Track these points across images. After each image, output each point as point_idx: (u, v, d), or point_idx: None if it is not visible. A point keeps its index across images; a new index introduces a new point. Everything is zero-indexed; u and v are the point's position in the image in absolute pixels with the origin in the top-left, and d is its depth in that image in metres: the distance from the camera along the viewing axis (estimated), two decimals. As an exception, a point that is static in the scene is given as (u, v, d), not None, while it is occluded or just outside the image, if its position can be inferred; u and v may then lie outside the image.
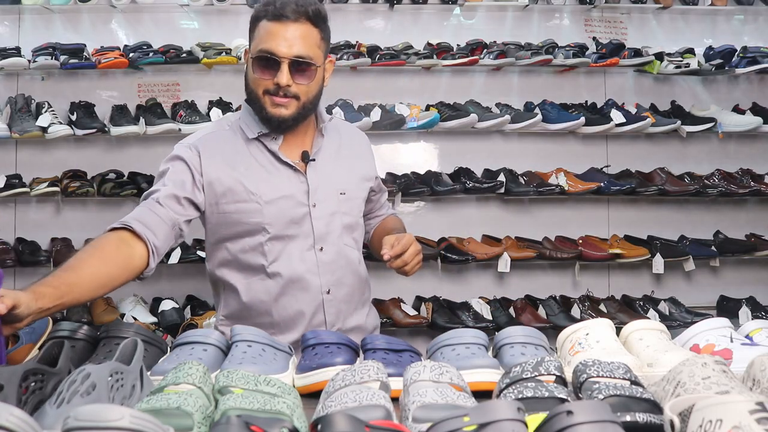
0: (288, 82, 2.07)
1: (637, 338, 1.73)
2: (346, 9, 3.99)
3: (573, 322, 2.68)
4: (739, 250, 4.03)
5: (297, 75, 2.08)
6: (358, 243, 2.30)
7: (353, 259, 2.26)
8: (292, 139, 2.21)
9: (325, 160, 2.24)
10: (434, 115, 3.76)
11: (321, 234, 2.18)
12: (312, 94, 2.13)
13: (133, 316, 3.54)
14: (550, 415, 1.07)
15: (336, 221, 2.21)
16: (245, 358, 1.62)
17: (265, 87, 2.10)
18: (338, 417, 1.07)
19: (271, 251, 2.15)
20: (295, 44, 2.06)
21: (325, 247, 2.18)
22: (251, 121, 2.20)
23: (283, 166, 2.19)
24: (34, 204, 3.87)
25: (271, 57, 2.06)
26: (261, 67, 2.09)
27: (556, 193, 3.87)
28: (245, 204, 2.15)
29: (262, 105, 2.12)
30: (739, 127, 3.97)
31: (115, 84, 3.92)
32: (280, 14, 2.07)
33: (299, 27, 2.07)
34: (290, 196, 2.16)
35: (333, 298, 2.20)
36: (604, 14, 4.21)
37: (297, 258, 2.16)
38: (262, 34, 2.10)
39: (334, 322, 2.20)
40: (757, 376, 1.36)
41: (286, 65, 2.06)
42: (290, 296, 2.16)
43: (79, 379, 1.23)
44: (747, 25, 4.30)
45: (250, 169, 2.17)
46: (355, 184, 2.29)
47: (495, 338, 1.77)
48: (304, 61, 2.07)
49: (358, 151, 2.37)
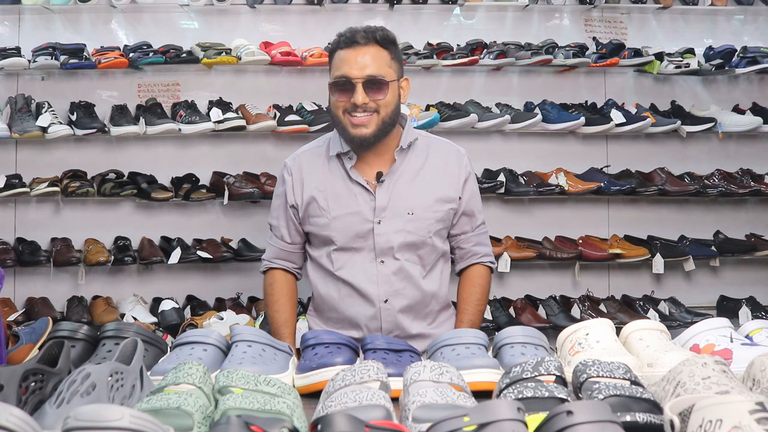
0: (364, 100, 2.29)
1: (637, 338, 1.73)
2: (346, 9, 3.99)
3: (573, 322, 2.69)
4: (739, 250, 4.03)
5: (371, 93, 2.30)
6: (423, 260, 2.42)
7: (414, 274, 2.39)
8: (371, 157, 2.41)
9: (400, 180, 2.40)
10: (434, 115, 3.76)
11: (383, 249, 2.36)
12: (390, 108, 2.33)
13: (133, 316, 3.54)
14: (550, 415, 1.07)
15: (399, 238, 2.36)
16: (245, 358, 1.62)
17: (344, 107, 2.32)
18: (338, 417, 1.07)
19: (337, 260, 2.40)
20: (366, 66, 2.30)
21: (386, 260, 2.37)
22: (337, 139, 2.43)
23: (354, 184, 2.39)
24: (34, 204, 3.87)
25: (347, 80, 2.29)
26: (339, 91, 2.32)
27: (556, 193, 3.87)
28: (317, 218, 2.41)
29: (344, 127, 2.34)
30: (739, 127, 3.97)
31: (115, 84, 3.92)
32: (351, 41, 2.32)
33: (369, 50, 2.31)
34: (357, 212, 2.37)
35: (390, 308, 2.37)
36: (604, 14, 4.21)
37: (360, 268, 2.38)
38: (337, 63, 2.34)
39: (391, 329, 2.38)
40: (757, 376, 1.36)
41: (360, 85, 2.28)
42: (352, 300, 2.39)
43: (79, 379, 1.23)
44: (747, 25, 4.29)
45: (325, 185, 2.42)
46: (426, 206, 2.40)
47: (495, 338, 1.78)
48: (376, 79, 2.29)
49: (444, 173, 2.46)
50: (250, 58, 3.70)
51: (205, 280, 3.93)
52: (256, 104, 3.85)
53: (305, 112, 3.81)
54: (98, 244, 3.75)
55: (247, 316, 3.54)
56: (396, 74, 2.36)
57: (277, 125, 3.73)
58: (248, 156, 3.92)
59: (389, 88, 2.31)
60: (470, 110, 3.87)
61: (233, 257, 3.75)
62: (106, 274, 3.83)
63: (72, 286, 3.79)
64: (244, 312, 3.63)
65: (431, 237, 2.40)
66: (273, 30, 4.03)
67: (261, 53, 3.73)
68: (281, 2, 3.88)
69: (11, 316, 3.46)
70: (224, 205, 3.82)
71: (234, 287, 3.87)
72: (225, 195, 3.71)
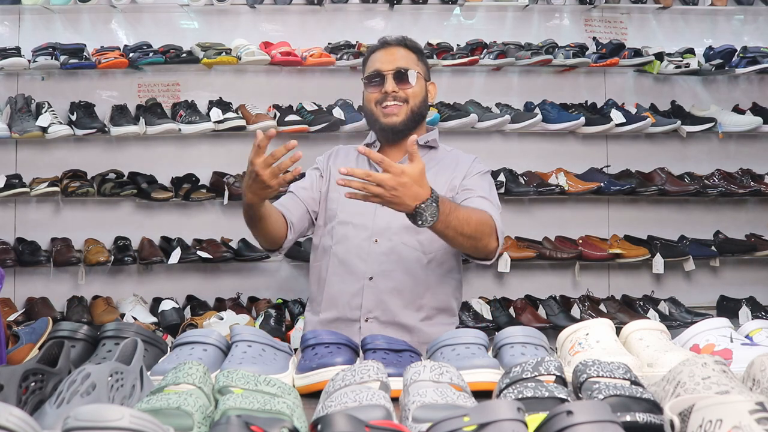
0: (393, 88, 2.49)
1: (637, 338, 1.73)
2: (346, 9, 3.99)
3: (573, 322, 2.69)
4: (739, 250, 4.03)
5: (400, 83, 2.50)
6: (425, 247, 2.44)
7: (409, 258, 2.44)
8: (393, 151, 2.54)
9: None
10: (434, 115, 3.76)
11: (380, 228, 2.44)
12: (418, 99, 2.52)
13: (133, 316, 3.54)
14: (550, 415, 1.07)
15: (398, 220, 2.30)
16: (245, 358, 1.62)
17: (376, 99, 2.52)
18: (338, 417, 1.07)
19: (336, 234, 2.49)
20: (395, 61, 2.53)
21: (380, 240, 2.45)
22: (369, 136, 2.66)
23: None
24: (34, 204, 3.87)
25: (378, 73, 2.52)
26: (371, 85, 2.54)
27: (556, 193, 3.87)
28: (332, 193, 2.55)
29: (376, 118, 2.53)
30: (739, 127, 3.97)
31: (115, 84, 3.92)
32: (384, 43, 2.59)
33: (399, 50, 2.56)
34: None
35: (374, 286, 2.43)
36: (604, 14, 4.21)
37: (353, 244, 2.46)
38: (370, 63, 2.59)
39: (372, 308, 2.42)
40: (757, 376, 1.36)
41: (390, 76, 2.50)
42: (339, 277, 2.47)
43: (79, 379, 1.23)
44: (747, 25, 4.30)
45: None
46: None
47: (495, 338, 1.77)
48: (404, 71, 2.50)
49: (452, 172, 2.55)
50: (250, 58, 3.70)
51: (205, 280, 3.93)
52: (256, 104, 3.86)
53: (305, 112, 3.81)
54: (98, 244, 3.75)
55: (247, 316, 3.54)
56: (423, 73, 2.58)
57: (277, 125, 3.73)
58: (248, 156, 3.90)
59: (417, 81, 2.52)
60: (470, 110, 3.87)
61: (233, 257, 3.75)
62: (106, 274, 3.83)
63: (72, 286, 3.79)
64: (244, 312, 3.63)
65: None
66: (273, 30, 4.03)
67: (261, 53, 3.73)
68: (281, 2, 3.88)
69: (11, 316, 3.46)
70: (224, 205, 3.82)
71: (234, 287, 3.88)
72: (225, 195, 3.72)
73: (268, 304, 3.76)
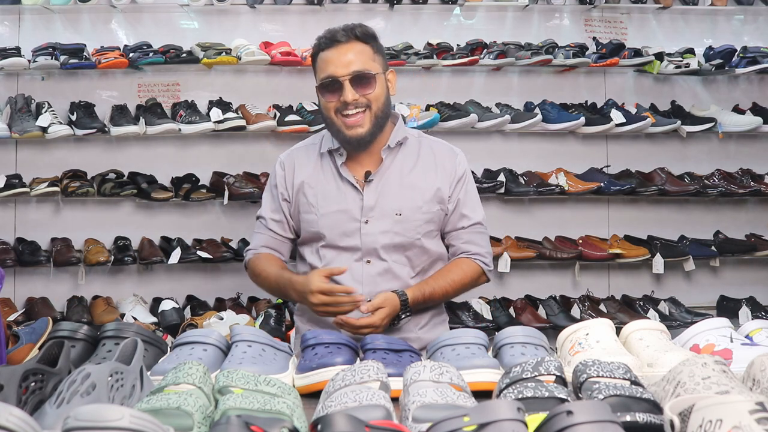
0: (354, 96, 2.26)
1: (637, 338, 1.73)
2: (346, 9, 3.99)
3: (573, 322, 2.69)
4: (739, 250, 4.03)
5: (360, 88, 2.27)
6: (413, 261, 2.37)
7: (402, 275, 2.34)
8: (362, 155, 2.37)
9: (388, 180, 2.36)
10: (434, 115, 3.76)
11: (369, 249, 2.33)
12: (380, 102, 2.30)
13: (133, 316, 3.54)
14: (550, 415, 1.07)
15: (385, 239, 2.32)
16: (245, 358, 1.62)
17: (335, 107, 2.29)
18: (338, 417, 1.07)
19: (325, 257, 2.37)
20: (351, 62, 2.27)
21: (373, 260, 2.33)
22: (329, 136, 2.41)
23: (343, 181, 2.36)
24: (34, 204, 3.87)
25: (334, 79, 2.27)
26: (328, 92, 2.30)
27: (556, 193, 3.87)
28: (307, 215, 2.39)
29: (338, 128, 2.31)
30: (739, 127, 3.97)
31: (115, 84, 3.92)
32: (332, 41, 2.30)
33: (351, 47, 2.29)
34: (345, 210, 2.34)
35: None
36: (604, 14, 4.21)
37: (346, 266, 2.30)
38: (321, 65, 2.33)
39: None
40: (757, 376, 1.36)
41: (348, 82, 2.25)
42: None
43: (79, 379, 1.23)
44: (747, 25, 4.30)
45: (315, 181, 2.40)
46: (416, 207, 2.34)
47: (495, 338, 1.78)
48: (363, 74, 2.26)
49: (435, 172, 2.39)
50: (250, 58, 3.70)
51: (205, 280, 3.93)
52: (256, 104, 3.85)
53: (305, 112, 3.81)
54: (98, 244, 3.75)
55: (247, 316, 3.54)
56: (381, 67, 2.33)
57: (277, 125, 3.73)
58: (248, 156, 3.92)
59: (377, 82, 2.28)
60: (470, 110, 3.87)
61: (233, 257, 3.75)
62: (106, 274, 3.83)
63: (72, 286, 3.79)
64: (244, 312, 3.63)
65: (420, 239, 2.34)
66: (273, 30, 4.03)
67: (261, 53, 3.73)
68: (281, 2, 3.89)
69: (11, 316, 3.46)
70: (224, 205, 3.82)
71: (234, 287, 3.87)
72: (225, 195, 3.71)
73: (268, 304, 3.75)
